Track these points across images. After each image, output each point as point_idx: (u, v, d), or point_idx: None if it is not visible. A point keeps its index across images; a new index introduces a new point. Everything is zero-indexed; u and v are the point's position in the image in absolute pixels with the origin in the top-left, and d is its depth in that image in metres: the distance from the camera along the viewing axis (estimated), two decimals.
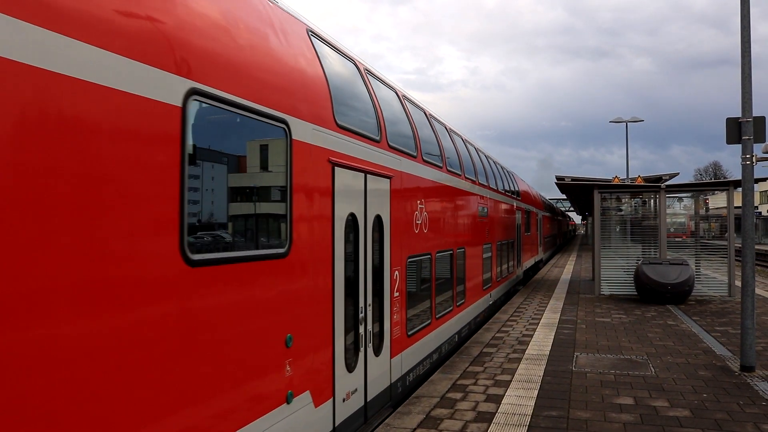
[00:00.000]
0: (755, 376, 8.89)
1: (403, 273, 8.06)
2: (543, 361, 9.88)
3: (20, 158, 2.65)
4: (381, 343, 7.22)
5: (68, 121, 2.90)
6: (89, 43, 3.03)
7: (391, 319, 7.57)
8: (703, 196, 22.18)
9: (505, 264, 18.00)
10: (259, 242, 4.79)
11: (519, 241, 21.18)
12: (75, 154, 2.93)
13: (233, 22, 4.44)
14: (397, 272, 7.86)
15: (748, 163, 9.32)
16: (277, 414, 4.78)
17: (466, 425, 6.82)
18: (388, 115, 7.95)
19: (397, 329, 7.82)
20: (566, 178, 23.87)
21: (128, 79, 3.27)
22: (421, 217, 8.98)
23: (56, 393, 2.82)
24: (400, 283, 7.96)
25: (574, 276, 25.62)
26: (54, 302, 2.81)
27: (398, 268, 7.88)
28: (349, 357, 6.23)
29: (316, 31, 6.18)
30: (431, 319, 9.66)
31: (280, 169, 4.96)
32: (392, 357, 7.65)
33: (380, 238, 7.26)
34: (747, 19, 9.39)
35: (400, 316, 7.97)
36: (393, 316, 7.67)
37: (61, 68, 2.85)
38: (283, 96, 4.96)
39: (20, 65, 2.64)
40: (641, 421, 6.92)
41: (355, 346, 6.45)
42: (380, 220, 7.23)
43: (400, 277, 7.96)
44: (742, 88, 9.33)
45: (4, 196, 2.59)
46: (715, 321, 13.73)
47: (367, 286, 6.74)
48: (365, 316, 6.67)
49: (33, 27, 2.72)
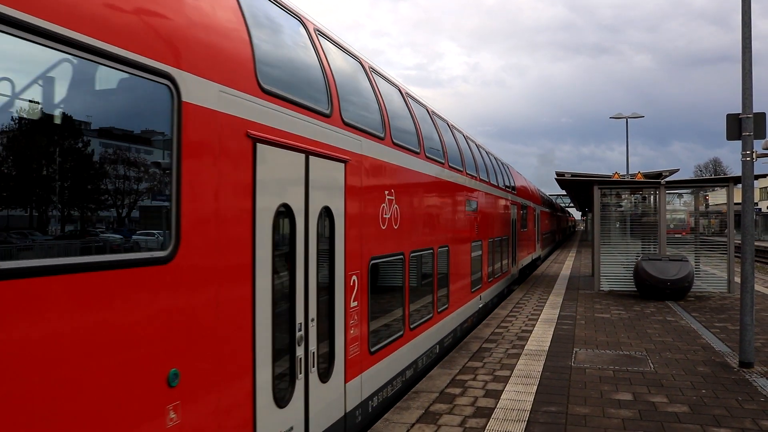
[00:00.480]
0: (754, 372, 8.90)
1: (364, 278, 6.74)
2: (542, 356, 9.89)
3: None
4: (331, 365, 5.91)
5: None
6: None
7: (346, 334, 6.25)
8: (702, 192, 22.17)
9: (498, 263, 16.66)
10: (113, 243, 3.48)
11: (514, 237, 20.17)
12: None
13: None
14: (356, 277, 6.52)
15: (748, 159, 9.31)
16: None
17: (465, 420, 6.83)
18: (343, 84, 6.60)
19: (355, 347, 6.48)
20: (566, 174, 23.90)
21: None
22: (390, 211, 7.65)
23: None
24: (360, 291, 6.63)
25: (574, 272, 25.63)
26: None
27: (357, 272, 6.56)
28: (279, 389, 4.92)
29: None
30: (404, 331, 8.29)
31: (157, 142, 3.74)
32: (348, 381, 6.29)
33: (330, 237, 5.97)
34: (748, 15, 9.37)
35: (360, 330, 6.64)
36: (350, 331, 6.34)
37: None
38: (167, 42, 3.68)
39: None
40: (640, 417, 6.94)
41: (291, 373, 5.09)
42: (330, 215, 5.92)
43: (361, 282, 6.63)
44: (743, 84, 9.32)
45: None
46: (714, 317, 13.75)
47: (309, 296, 5.38)
48: (305, 335, 5.29)
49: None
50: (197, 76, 3.90)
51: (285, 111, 5.05)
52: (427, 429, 6.57)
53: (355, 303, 6.49)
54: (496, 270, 16.37)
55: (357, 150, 6.64)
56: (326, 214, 5.85)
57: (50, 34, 2.85)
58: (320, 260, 5.68)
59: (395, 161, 7.99)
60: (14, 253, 2.92)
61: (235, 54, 4.43)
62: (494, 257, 15.99)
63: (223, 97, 4.17)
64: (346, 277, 6.27)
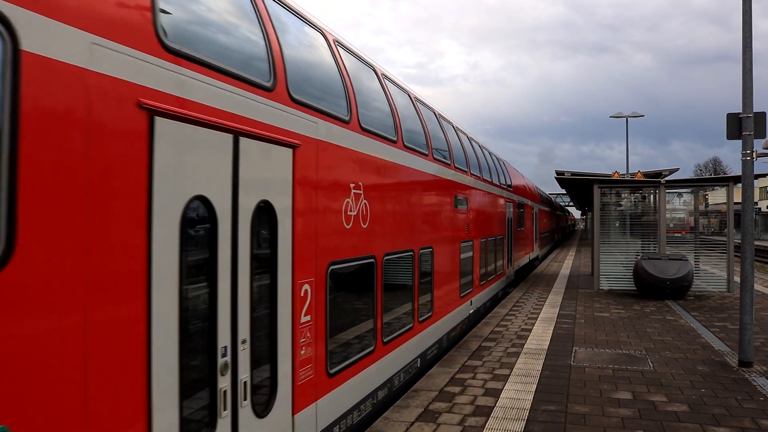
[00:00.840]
0: (753, 371, 8.91)
1: (321, 287, 5.66)
2: (542, 355, 9.89)
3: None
4: (273, 395, 4.85)
5: None
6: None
7: (294, 356, 5.13)
8: (702, 191, 22.18)
9: (491, 264, 15.65)
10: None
11: (510, 237, 19.24)
12: None
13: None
14: (309, 287, 5.43)
15: (748, 158, 9.31)
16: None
17: (464, 419, 6.83)
18: (291, 51, 5.51)
19: (307, 370, 5.40)
20: (566, 173, 23.89)
21: None
22: (357, 207, 6.58)
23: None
24: (316, 302, 5.54)
25: (573, 271, 25.64)
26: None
27: (311, 280, 5.47)
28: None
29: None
30: (375, 345, 7.16)
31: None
32: (297, 412, 5.21)
33: (272, 238, 4.88)
34: (749, 14, 9.36)
35: (315, 350, 5.54)
36: (299, 352, 5.22)
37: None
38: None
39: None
40: (639, 416, 6.94)
41: (211, 411, 4.06)
42: (272, 211, 4.85)
43: (316, 292, 5.56)
44: (743, 84, 9.31)
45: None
46: (714, 316, 13.75)
47: (239, 312, 4.34)
48: (232, 361, 4.26)
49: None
50: (51, 18, 2.88)
51: (202, 78, 3.97)
52: (427, 427, 6.57)
53: (307, 317, 5.38)
54: (489, 272, 15.40)
55: (312, 134, 5.53)
56: (266, 210, 4.78)
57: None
58: (256, 267, 4.59)
59: (364, 149, 6.92)
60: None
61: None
62: (487, 258, 15.06)
63: (99, 53, 3.14)
64: (294, 287, 5.15)
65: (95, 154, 3.13)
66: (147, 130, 3.47)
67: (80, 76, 3.04)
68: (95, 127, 3.13)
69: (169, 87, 3.65)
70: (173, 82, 3.69)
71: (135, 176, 3.40)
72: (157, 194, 3.53)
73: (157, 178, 3.53)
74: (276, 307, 4.89)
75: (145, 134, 3.45)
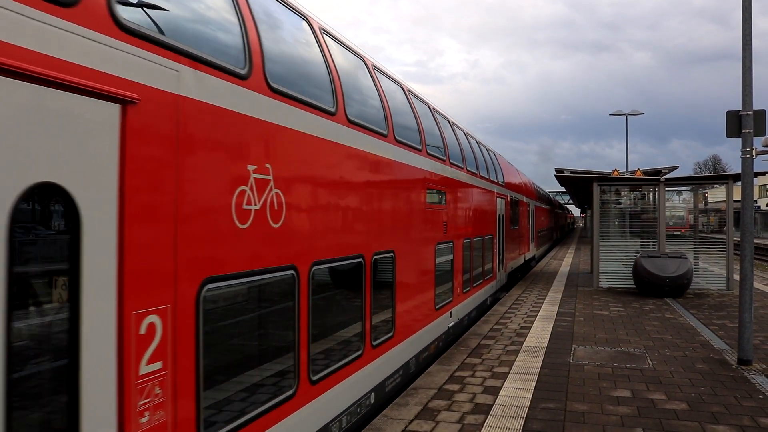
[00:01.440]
0: (752, 369, 8.91)
1: (187, 317, 3.86)
2: (541, 353, 9.89)
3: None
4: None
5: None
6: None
7: (124, 425, 3.32)
8: (702, 189, 22.18)
9: (478, 268, 13.82)
10: None
11: (501, 237, 17.51)
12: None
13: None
14: (159, 319, 3.61)
15: (748, 156, 9.31)
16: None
17: (463, 416, 6.83)
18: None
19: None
20: (566, 171, 23.86)
21: None
22: (262, 199, 4.70)
23: None
24: (175, 341, 3.75)
25: (573, 269, 25.64)
26: None
27: (165, 307, 3.66)
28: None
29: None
30: (296, 387, 5.20)
31: None
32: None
33: (73, 244, 3.08)
34: (748, 12, 9.35)
35: (175, 411, 3.72)
36: (136, 419, 3.40)
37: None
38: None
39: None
40: (638, 414, 6.93)
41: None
42: (70, 202, 3.04)
43: (176, 327, 3.75)
44: (743, 81, 9.30)
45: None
46: (713, 314, 13.76)
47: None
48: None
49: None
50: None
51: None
52: (426, 425, 6.57)
53: (155, 365, 3.58)
54: (475, 277, 13.54)
55: (164, 86, 3.66)
56: (57, 199, 3.04)
57: None
58: (28, 293, 2.97)
59: (274, 119, 4.94)
60: None
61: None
62: (472, 261, 13.19)
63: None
64: (123, 322, 3.33)
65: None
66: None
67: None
68: None
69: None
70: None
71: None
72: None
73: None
74: (78, 355, 3.06)
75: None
